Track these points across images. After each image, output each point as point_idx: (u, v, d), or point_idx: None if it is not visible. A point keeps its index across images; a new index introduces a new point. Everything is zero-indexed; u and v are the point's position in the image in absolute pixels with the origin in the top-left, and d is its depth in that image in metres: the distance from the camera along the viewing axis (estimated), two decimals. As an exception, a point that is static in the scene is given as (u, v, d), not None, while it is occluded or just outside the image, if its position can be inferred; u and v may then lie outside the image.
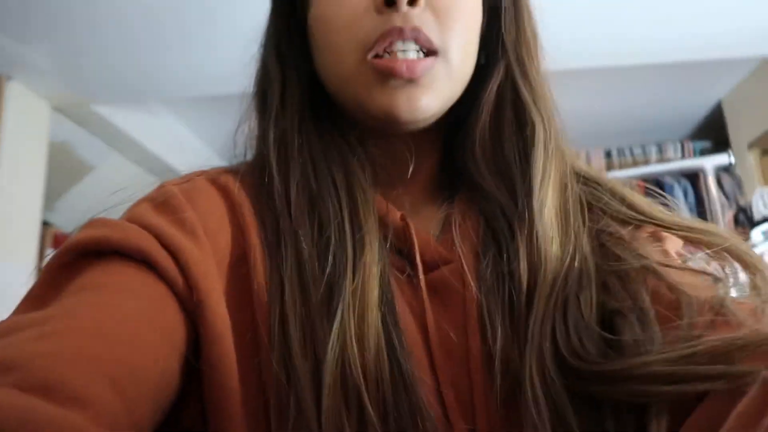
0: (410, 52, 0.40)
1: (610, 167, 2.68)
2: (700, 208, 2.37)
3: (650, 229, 0.42)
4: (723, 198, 2.38)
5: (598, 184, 0.45)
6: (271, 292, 0.37)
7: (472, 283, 0.40)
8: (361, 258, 0.38)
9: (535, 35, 0.47)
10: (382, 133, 0.43)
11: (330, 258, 0.37)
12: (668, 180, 2.47)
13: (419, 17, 0.40)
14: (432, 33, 0.40)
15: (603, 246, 0.41)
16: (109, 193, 0.43)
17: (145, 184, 0.42)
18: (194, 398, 0.35)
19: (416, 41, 0.40)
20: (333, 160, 0.43)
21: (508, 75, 0.45)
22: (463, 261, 0.41)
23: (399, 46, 0.39)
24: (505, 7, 0.45)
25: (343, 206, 0.40)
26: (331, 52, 0.42)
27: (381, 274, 0.38)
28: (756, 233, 1.45)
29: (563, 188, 0.43)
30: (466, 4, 0.43)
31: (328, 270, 0.37)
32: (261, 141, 0.44)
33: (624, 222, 0.42)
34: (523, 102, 0.44)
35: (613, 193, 0.44)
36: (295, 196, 0.40)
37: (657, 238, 0.42)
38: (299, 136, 0.43)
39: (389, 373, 0.34)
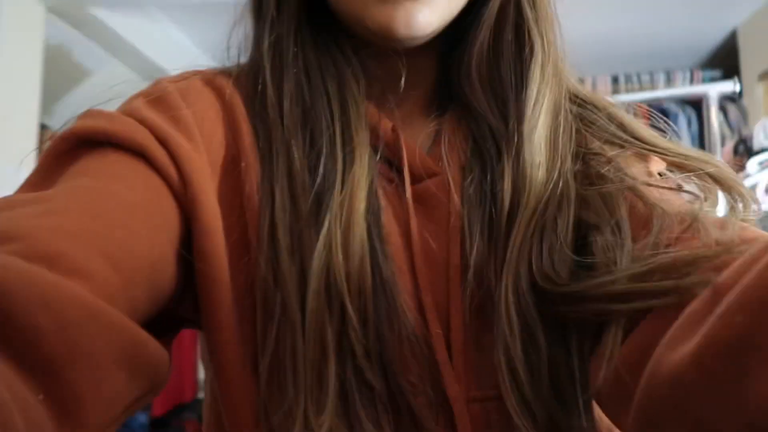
0: None
1: (616, 92, 2.64)
2: (703, 138, 2.35)
3: (636, 149, 0.43)
4: (726, 128, 2.37)
5: (596, 107, 0.45)
6: (262, 199, 0.38)
7: (456, 197, 0.41)
8: (350, 170, 0.39)
9: None
10: (379, 48, 0.43)
11: (320, 169, 0.38)
12: (673, 108, 2.44)
13: None
14: None
15: (588, 166, 0.41)
16: (106, 98, 0.44)
17: (137, 90, 0.43)
18: (189, 294, 0.37)
19: None
20: (327, 71, 0.42)
21: None
22: (449, 175, 0.42)
23: None
24: None
25: (335, 118, 0.41)
26: None
27: (369, 186, 0.39)
28: (752, 163, 1.45)
29: (556, 113, 0.43)
30: None
31: (317, 181, 0.38)
32: (255, 47, 0.44)
33: (614, 144, 0.43)
34: (524, 22, 0.43)
35: (611, 117, 0.44)
36: (288, 106, 0.41)
37: (641, 158, 0.43)
38: (294, 44, 0.43)
39: (371, 279, 0.36)
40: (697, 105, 2.42)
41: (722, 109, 2.38)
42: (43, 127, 1.82)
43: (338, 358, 0.35)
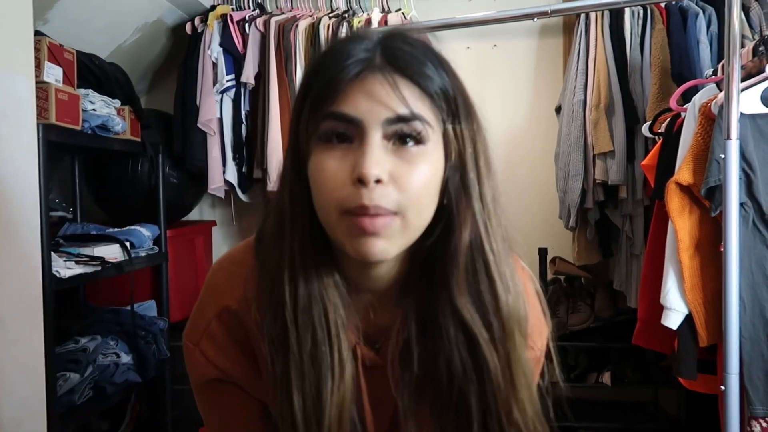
0: (375, 214, 0.56)
1: (633, -10, 2.50)
2: (722, 39, 2.26)
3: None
4: (747, 28, 2.26)
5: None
6: (280, 379, 0.64)
7: (392, 384, 0.66)
8: (339, 377, 0.63)
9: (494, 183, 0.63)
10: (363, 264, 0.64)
11: (322, 367, 0.63)
12: (693, 7, 2.32)
13: (382, 191, 0.56)
14: (391, 203, 0.56)
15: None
16: (99, 3, 0.42)
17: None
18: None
19: (377, 211, 0.56)
20: (324, 298, 0.63)
21: (475, 229, 0.61)
22: (389, 370, 0.67)
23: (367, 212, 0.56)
24: (467, 160, 0.61)
25: (331, 343, 0.63)
26: (320, 206, 0.59)
27: (353, 378, 0.65)
28: (771, 66, 1.39)
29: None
30: (424, 174, 0.57)
31: (320, 373, 0.63)
32: (274, 265, 0.64)
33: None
34: (487, 259, 0.62)
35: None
36: (297, 319, 0.63)
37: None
38: (302, 264, 0.63)
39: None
40: (717, 4, 2.31)
41: (744, 7, 2.27)
42: (37, 34, 1.76)
43: None
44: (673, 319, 1.50)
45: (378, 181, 0.55)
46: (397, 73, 0.57)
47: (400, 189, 0.56)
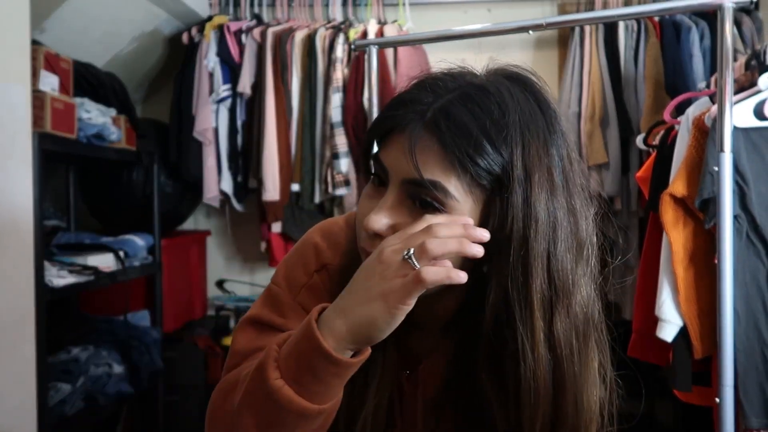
0: None
1: (628, 4, 2.54)
2: (715, 53, 2.28)
3: None
4: (740, 42, 2.28)
5: None
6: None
7: (420, 405, 0.69)
8: (384, 373, 0.67)
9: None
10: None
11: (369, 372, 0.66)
12: (686, 21, 2.35)
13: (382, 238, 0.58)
14: None
15: None
16: (96, 12, 0.42)
17: (130, 6, 0.41)
18: None
19: None
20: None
21: (507, 303, 0.58)
22: (418, 401, 0.70)
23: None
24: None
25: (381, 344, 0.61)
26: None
27: (390, 392, 0.68)
28: (763, 79, 1.41)
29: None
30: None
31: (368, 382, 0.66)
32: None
33: None
34: (520, 341, 0.58)
35: None
36: None
37: None
38: None
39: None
40: (710, 19, 2.33)
41: (736, 21, 2.29)
42: (34, 43, 1.76)
43: None
44: (667, 331, 1.50)
45: (378, 235, 0.58)
46: (434, 139, 0.56)
47: None
